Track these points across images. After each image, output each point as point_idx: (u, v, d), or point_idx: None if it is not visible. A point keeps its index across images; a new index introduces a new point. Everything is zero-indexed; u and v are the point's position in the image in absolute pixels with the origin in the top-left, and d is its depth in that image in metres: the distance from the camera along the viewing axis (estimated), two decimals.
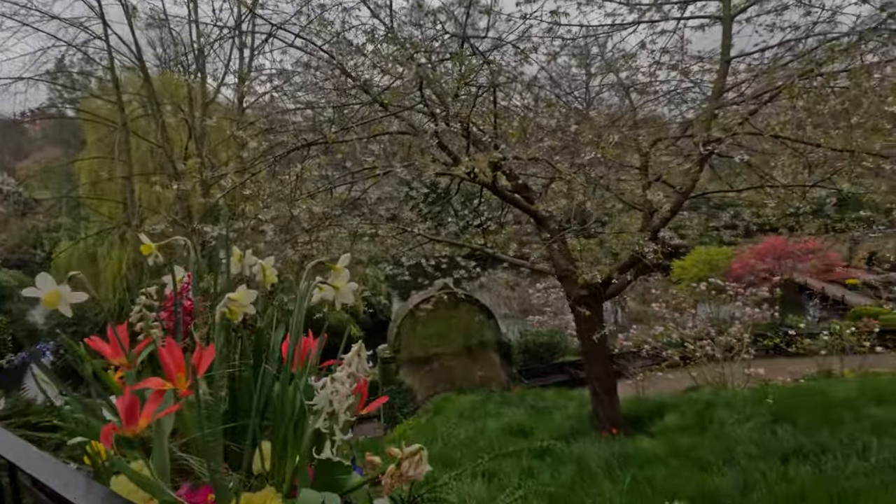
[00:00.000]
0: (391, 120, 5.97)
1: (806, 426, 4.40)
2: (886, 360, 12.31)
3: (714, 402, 5.98)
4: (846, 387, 6.50)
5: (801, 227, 6.36)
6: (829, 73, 3.98)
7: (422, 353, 10.33)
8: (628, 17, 5.92)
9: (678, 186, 5.27)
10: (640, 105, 6.76)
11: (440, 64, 4.69)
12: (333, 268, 0.93)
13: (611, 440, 4.85)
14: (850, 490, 2.70)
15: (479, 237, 8.63)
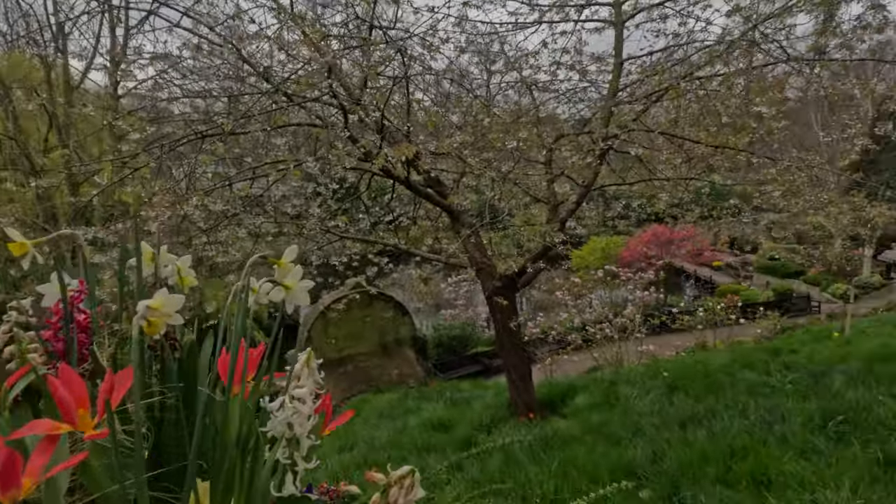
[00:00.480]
0: (296, 111, 5.64)
1: (696, 394, 4.91)
2: (748, 330, 14.30)
3: (617, 381, 6.46)
4: (721, 356, 7.38)
5: (683, 216, 7.08)
6: (706, 77, 4.44)
7: (335, 354, 9.98)
8: (530, 17, 6.16)
9: (581, 180, 5.59)
10: (543, 103, 7.06)
11: (349, 52, 4.50)
12: (279, 264, 0.79)
13: (529, 425, 5.03)
14: (739, 447, 3.04)
15: (390, 233, 8.51)
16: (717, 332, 13.52)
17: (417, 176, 6.03)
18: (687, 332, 14.72)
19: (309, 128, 5.55)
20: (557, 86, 6.52)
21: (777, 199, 5.84)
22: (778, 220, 7.30)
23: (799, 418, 3.49)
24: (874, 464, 2.65)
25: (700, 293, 23.20)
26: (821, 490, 2.32)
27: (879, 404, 3.54)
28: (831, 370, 4.97)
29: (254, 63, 4.90)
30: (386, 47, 4.02)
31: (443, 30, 5.60)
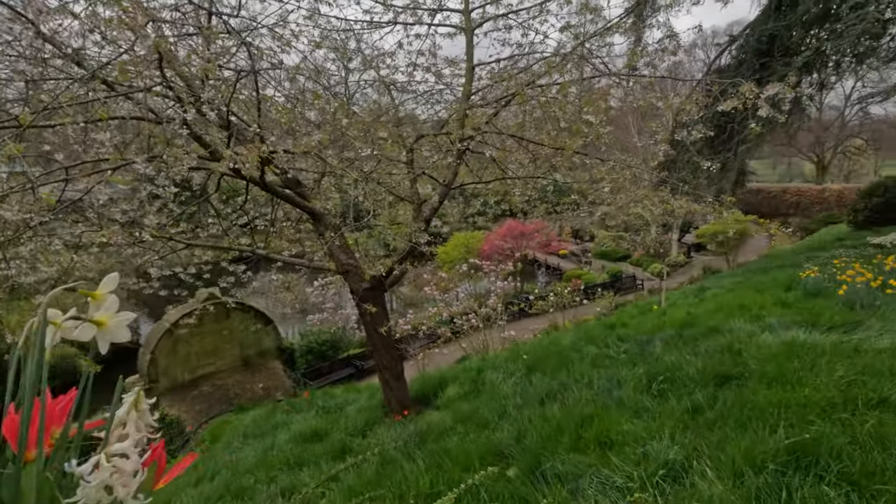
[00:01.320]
0: (121, 102, 4.91)
1: (552, 372, 5.42)
2: (590, 309, 16.31)
3: (483, 368, 6.84)
4: (570, 335, 8.28)
5: (532, 211, 7.75)
6: (546, 85, 4.92)
7: (188, 375, 8.92)
8: (385, 17, 6.19)
9: (442, 179, 5.79)
10: (402, 103, 7.15)
11: (182, 40, 4.02)
12: (93, 296, 0.66)
13: (404, 422, 5.08)
14: (587, 416, 3.43)
15: (246, 238, 7.89)
16: (565, 313, 15.18)
17: (274, 176, 5.66)
18: (542, 316, 16.27)
19: (138, 122, 4.87)
20: (415, 87, 6.66)
21: (606, 194, 6.73)
22: (609, 212, 8.41)
23: (631, 383, 4.07)
24: (685, 413, 3.20)
25: (551, 279, 25.78)
26: (650, 443, 2.74)
27: (687, 363, 4.29)
28: (653, 338, 5.89)
29: (58, 43, 4.12)
30: (227, 37, 3.68)
31: (294, 22, 5.35)
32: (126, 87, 4.27)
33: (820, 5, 10.38)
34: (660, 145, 5.43)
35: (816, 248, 14.22)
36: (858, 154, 41.08)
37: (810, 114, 19.44)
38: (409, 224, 5.68)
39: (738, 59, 11.97)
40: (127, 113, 4.64)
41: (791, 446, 2.35)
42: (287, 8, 5.11)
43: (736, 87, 3.79)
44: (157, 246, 6.40)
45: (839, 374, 3.29)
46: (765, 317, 6.09)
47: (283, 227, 7.83)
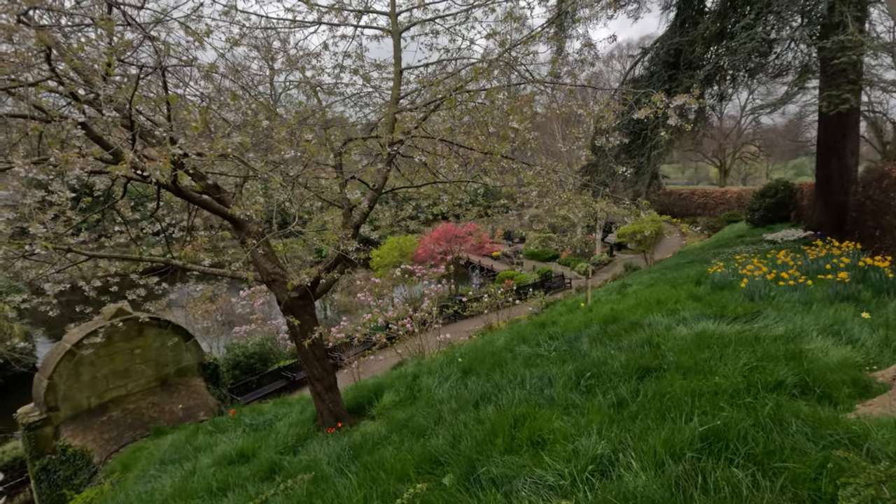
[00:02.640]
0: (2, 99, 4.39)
1: (486, 373, 5.48)
2: (522, 309, 16.80)
3: (419, 373, 6.79)
4: (503, 335, 8.43)
5: (464, 215, 7.82)
6: (474, 91, 4.98)
7: (95, 401, 8.08)
8: (308, 17, 5.99)
9: (372, 184, 5.68)
10: (329, 105, 6.97)
11: (80, 31, 3.63)
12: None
13: (338, 435, 4.91)
14: (520, 416, 3.49)
15: (160, 247, 7.31)
16: (499, 313, 15.52)
17: (190, 181, 5.28)
18: (477, 317, 16.50)
19: (26, 121, 4.35)
20: (343, 89, 6.51)
21: (534, 197, 6.94)
22: (537, 214, 8.69)
23: (561, 380, 4.19)
24: (611, 407, 3.35)
25: (485, 281, 26.27)
26: (579, 439, 2.82)
27: (612, 358, 4.50)
28: (581, 335, 6.13)
29: None
30: (127, 29, 3.37)
31: (209, 17, 5.04)
32: (7, 81, 3.80)
33: (717, 24, 11.40)
34: (582, 150, 5.68)
35: (721, 244, 15.59)
36: (753, 159, 45.74)
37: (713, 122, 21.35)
38: (337, 231, 5.52)
39: (651, 70, 12.88)
40: (10, 110, 4.12)
41: (705, 433, 2.51)
42: (203, 2, 4.80)
43: (648, 97, 4.03)
44: (53, 258, 5.78)
45: (743, 362, 3.58)
46: (679, 310, 6.55)
47: (200, 235, 7.35)
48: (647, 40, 35.47)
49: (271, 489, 3.04)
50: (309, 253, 24.65)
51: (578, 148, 8.86)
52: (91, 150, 4.15)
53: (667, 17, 14.23)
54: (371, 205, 5.56)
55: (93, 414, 8.02)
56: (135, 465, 6.57)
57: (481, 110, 5.42)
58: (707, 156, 44.38)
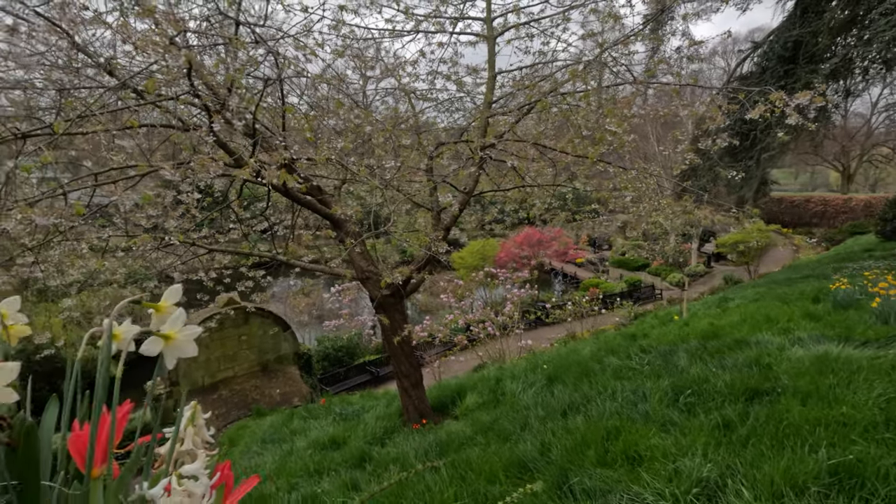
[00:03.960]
0: (149, 110, 5.01)
1: (573, 383, 5.33)
2: (608, 319, 16.10)
3: (502, 377, 6.77)
4: (589, 345, 8.15)
5: (552, 220, 7.68)
6: (568, 93, 4.89)
7: (208, 380, 9.00)
8: (406, 26, 6.23)
9: (462, 187, 5.77)
10: (422, 111, 7.19)
11: (210, 50, 4.09)
12: (157, 308, 0.64)
13: (423, 431, 5.04)
14: (612, 429, 3.35)
15: (265, 244, 7.95)
16: (583, 322, 15.00)
17: (296, 183, 5.72)
18: (559, 325, 16.09)
19: (166, 130, 4.96)
20: (435, 95, 6.69)
21: (627, 203, 6.64)
22: (629, 220, 8.31)
23: (657, 395, 3.97)
24: (716, 429, 3.11)
25: (567, 288, 25.54)
26: (680, 459, 2.66)
27: (715, 376, 4.18)
28: (676, 349, 5.76)
29: (91, 52, 4.23)
30: (255, 47, 3.73)
31: (318, 31, 5.42)
32: (155, 96, 4.36)
33: (846, 11, 10.18)
34: (686, 153, 5.34)
35: (844, 258, 13.85)
36: (885, 163, 40.07)
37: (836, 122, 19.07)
38: (428, 232, 5.67)
39: (762, 66, 11.80)
40: (155, 121, 4.72)
41: (834, 467, 2.25)
42: (311, 18, 5.18)
43: (764, 95, 3.71)
44: (179, 251, 6.51)
45: (878, 392, 3.16)
46: (793, 330, 5.92)
47: (301, 233, 7.91)
48: (757, 33, 32.42)
49: (362, 472, 3.20)
50: (394, 254, 25.52)
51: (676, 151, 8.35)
52: (218, 155, 4.65)
53: (783, 6, 12.95)
54: (461, 208, 5.65)
55: (206, 391, 8.93)
56: (239, 441, 7.22)
57: (575, 113, 5.30)
58: (827, 159, 39.66)
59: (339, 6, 4.39)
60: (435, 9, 6.09)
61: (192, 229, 6.31)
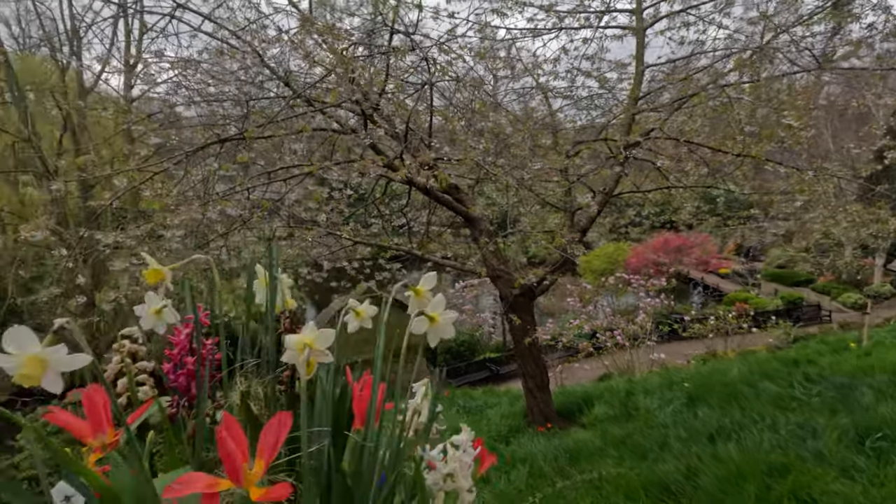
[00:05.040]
0: (314, 116, 5.63)
1: (719, 406, 4.82)
2: (758, 339, 14.17)
3: (633, 390, 6.38)
4: (736, 366, 7.28)
5: (699, 224, 7.00)
6: (732, 84, 4.39)
7: (345, 360, 9.90)
8: (548, 23, 6.14)
9: (602, 187, 5.54)
10: (560, 109, 7.03)
11: (371, 59, 4.47)
12: (416, 292, 0.74)
13: (549, 435, 4.96)
14: (776, 464, 2.96)
15: (402, 238, 8.46)
16: (727, 340, 13.40)
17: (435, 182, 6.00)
18: (696, 340, 14.59)
19: (322, 133, 5.53)
20: (575, 92, 6.50)
21: (797, 208, 5.79)
22: (796, 229, 7.23)
23: (833, 434, 3.40)
24: None
25: (706, 300, 23.04)
26: None
27: None
28: (857, 383, 4.88)
29: (275, 68, 4.88)
30: (412, 53, 3.99)
31: (462, 35, 5.60)
32: (321, 104, 4.90)
33: None
34: (882, 152, 4.47)
35: None
36: None
37: None
38: (563, 233, 5.54)
39: None
40: (318, 125, 5.29)
41: None
42: (455, 21, 5.38)
43: None
44: (329, 241, 7.22)
45: None
46: None
47: (436, 229, 8.27)
48: None
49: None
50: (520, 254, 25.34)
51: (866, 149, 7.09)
52: (368, 155, 5.06)
53: None
54: (600, 209, 5.43)
55: None
56: None
57: (738, 107, 4.76)
58: None
59: (493, 10, 4.48)
60: (579, 3, 5.90)
61: (342, 223, 6.96)
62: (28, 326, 1.34)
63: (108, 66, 8.93)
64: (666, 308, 13.65)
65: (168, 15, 4.98)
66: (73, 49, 9.52)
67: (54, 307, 9.37)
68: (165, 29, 5.21)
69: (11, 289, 8.38)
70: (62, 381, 0.45)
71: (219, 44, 5.00)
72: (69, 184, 7.03)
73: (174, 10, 4.80)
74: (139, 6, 7.59)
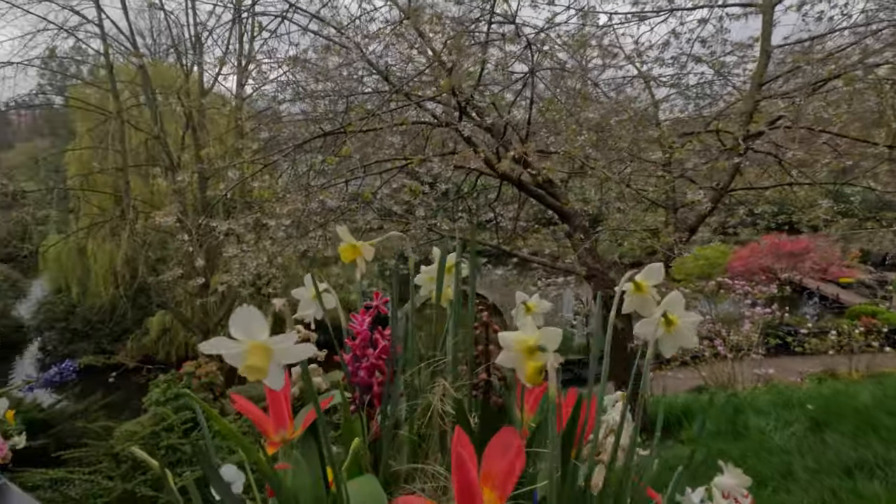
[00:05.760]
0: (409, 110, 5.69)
1: (852, 434, 4.21)
2: (891, 360, 12.30)
3: (741, 408, 5.81)
4: (866, 389, 6.36)
5: (826, 226, 6.17)
6: (888, 62, 3.76)
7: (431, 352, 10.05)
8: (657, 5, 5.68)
9: (714, 182, 5.04)
10: (664, 99, 6.55)
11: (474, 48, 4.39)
12: (640, 286, 0.65)
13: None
14: None
15: (488, 232, 8.38)
16: (852, 359, 11.77)
17: (527, 176, 5.83)
18: (810, 357, 13.02)
19: (415, 127, 5.56)
20: (684, 80, 6.02)
21: None
22: None
23: None
24: None
25: (822, 312, 20.48)
26: None
27: None
28: None
29: (374, 63, 4.99)
30: (514, 42, 3.87)
31: (564, 23, 5.36)
32: (418, 97, 4.94)
33: None
34: None
35: None
36: None
37: None
38: (668, 232, 5.12)
39: None
40: (416, 118, 5.34)
41: None
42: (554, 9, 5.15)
43: None
44: (418, 233, 7.30)
45: None
46: None
47: (523, 225, 8.09)
48: None
49: None
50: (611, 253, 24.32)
51: None
52: (467, 151, 5.01)
53: None
54: (713, 206, 4.95)
55: None
56: None
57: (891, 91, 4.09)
58: None
59: None
60: None
61: (430, 216, 7.02)
62: (155, 303, 1.39)
63: (225, 66, 9.77)
64: (776, 318, 12.31)
65: (279, 16, 5.30)
66: (196, 54, 10.52)
67: (174, 287, 10.48)
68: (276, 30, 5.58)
69: (142, 269, 9.48)
70: (283, 376, 0.41)
71: (324, 41, 5.22)
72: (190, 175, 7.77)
73: (285, 12, 5.09)
74: (252, 10, 8.16)
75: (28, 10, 9.19)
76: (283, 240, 5.91)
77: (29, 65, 9.77)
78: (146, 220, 9.32)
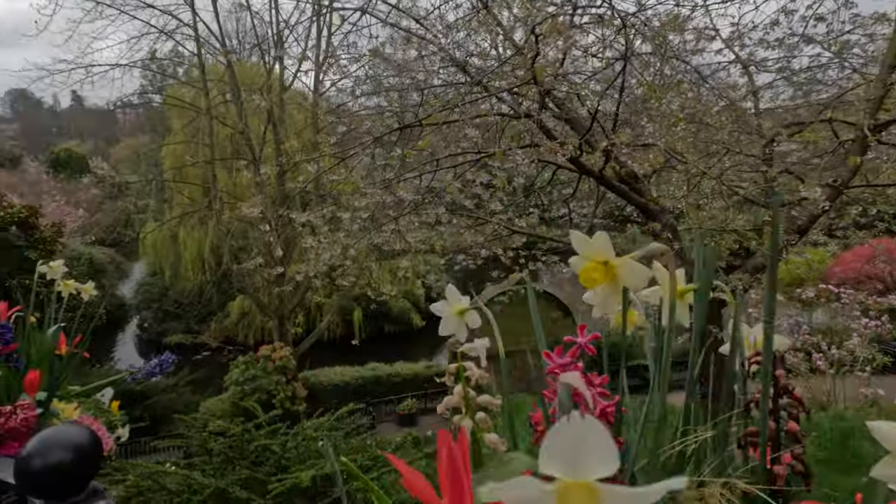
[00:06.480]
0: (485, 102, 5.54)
1: None
2: None
3: (850, 432, 5.17)
4: None
5: None
6: None
7: (494, 349, 9.91)
8: None
9: (832, 178, 4.47)
10: (768, 85, 5.96)
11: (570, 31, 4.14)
12: None
13: None
14: None
15: (561, 229, 8.05)
16: None
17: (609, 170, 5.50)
18: None
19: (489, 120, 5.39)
20: (792, 63, 5.43)
21: None
22: None
23: None
24: None
25: None
26: None
27: None
28: None
29: (453, 54, 4.88)
30: (611, 24, 3.60)
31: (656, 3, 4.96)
32: (496, 89, 4.76)
33: None
34: None
35: None
36: None
37: None
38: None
39: None
40: (496, 110, 5.17)
41: None
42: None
43: None
44: (487, 229, 7.14)
45: None
46: None
47: (600, 222, 7.71)
48: None
49: None
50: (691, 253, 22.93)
51: None
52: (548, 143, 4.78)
53: None
54: (830, 205, 4.38)
55: (492, 360, 9.85)
56: (520, 413, 7.66)
57: None
58: None
59: None
60: None
61: (501, 211, 6.83)
62: (235, 288, 1.27)
63: (304, 62, 10.13)
64: (891, 333, 10.94)
65: (360, 9, 5.32)
66: (278, 50, 10.98)
67: (254, 274, 11.09)
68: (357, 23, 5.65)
69: (226, 256, 10.10)
70: None
71: (403, 34, 5.19)
72: (271, 169, 8.11)
73: (366, 4, 5.10)
74: (330, 5, 8.32)
75: (134, 16, 10.02)
76: (357, 232, 5.99)
77: (133, 66, 10.67)
78: (231, 210, 9.89)
